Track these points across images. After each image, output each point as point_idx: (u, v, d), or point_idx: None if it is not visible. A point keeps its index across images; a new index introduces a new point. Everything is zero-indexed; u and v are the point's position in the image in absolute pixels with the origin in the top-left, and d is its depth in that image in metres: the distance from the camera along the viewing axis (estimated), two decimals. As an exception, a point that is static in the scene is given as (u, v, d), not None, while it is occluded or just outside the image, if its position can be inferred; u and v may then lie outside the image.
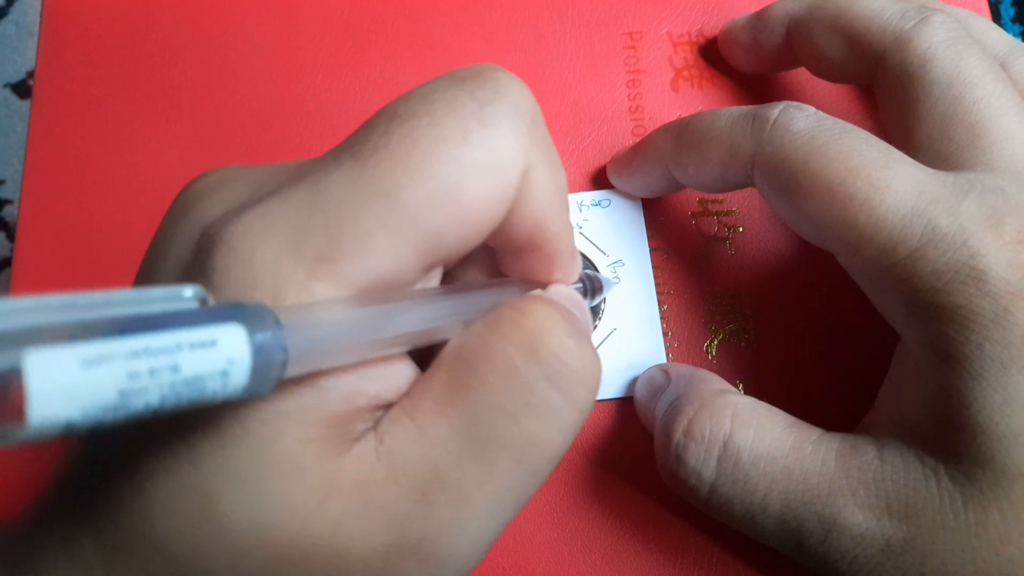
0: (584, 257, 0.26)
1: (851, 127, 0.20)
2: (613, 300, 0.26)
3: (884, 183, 0.18)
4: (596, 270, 0.26)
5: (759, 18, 0.26)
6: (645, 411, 0.24)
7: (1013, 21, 0.32)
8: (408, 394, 0.16)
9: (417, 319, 0.15)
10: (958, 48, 0.21)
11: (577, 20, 0.29)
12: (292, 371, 0.12)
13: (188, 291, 0.12)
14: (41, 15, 0.30)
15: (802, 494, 0.19)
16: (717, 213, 0.27)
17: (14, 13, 0.50)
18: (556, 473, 0.25)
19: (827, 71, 0.25)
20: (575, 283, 0.21)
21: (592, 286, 0.22)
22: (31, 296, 0.10)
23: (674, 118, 0.28)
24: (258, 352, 0.11)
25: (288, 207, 0.14)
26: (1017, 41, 0.23)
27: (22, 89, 0.50)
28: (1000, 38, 0.23)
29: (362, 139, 0.15)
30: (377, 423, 0.15)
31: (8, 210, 0.51)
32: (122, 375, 0.09)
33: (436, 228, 0.15)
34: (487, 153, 0.15)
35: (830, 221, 0.19)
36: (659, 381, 0.24)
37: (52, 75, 0.29)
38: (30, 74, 0.49)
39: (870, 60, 0.22)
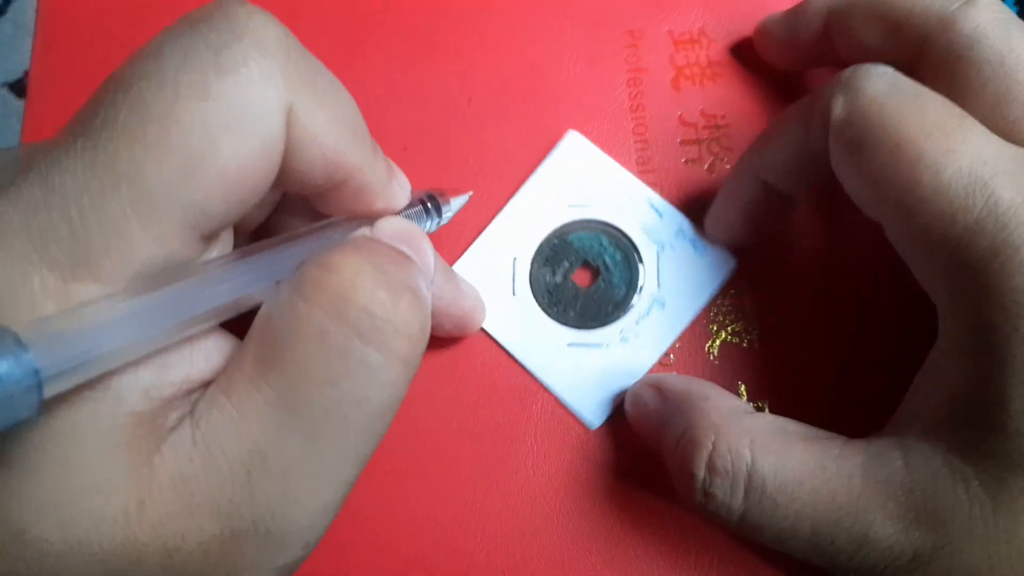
0: None
1: (928, 90, 0.19)
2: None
3: (954, 146, 0.18)
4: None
5: (796, 12, 0.26)
6: (641, 430, 0.24)
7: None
8: (224, 370, 0.15)
9: (211, 294, 0.14)
10: (1008, 27, 0.20)
11: (577, 18, 0.29)
12: (58, 387, 0.11)
13: None
14: (36, 14, 0.30)
15: (831, 514, 0.18)
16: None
17: (12, 12, 0.50)
18: (556, 475, 0.25)
19: (866, 59, 0.24)
20: (413, 208, 0.19)
21: (435, 205, 0.21)
22: None
23: (675, 117, 0.28)
24: None
25: (21, 208, 0.13)
26: None
27: (19, 88, 0.50)
28: None
29: (90, 114, 0.14)
30: (194, 406, 0.14)
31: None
32: None
33: (196, 199, 0.13)
34: (233, 104, 0.14)
35: (893, 179, 0.18)
36: (651, 400, 0.23)
37: (47, 74, 0.29)
38: (27, 73, 0.48)
39: (912, 45, 0.22)
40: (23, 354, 0.11)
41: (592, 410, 0.25)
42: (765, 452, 0.19)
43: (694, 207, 0.26)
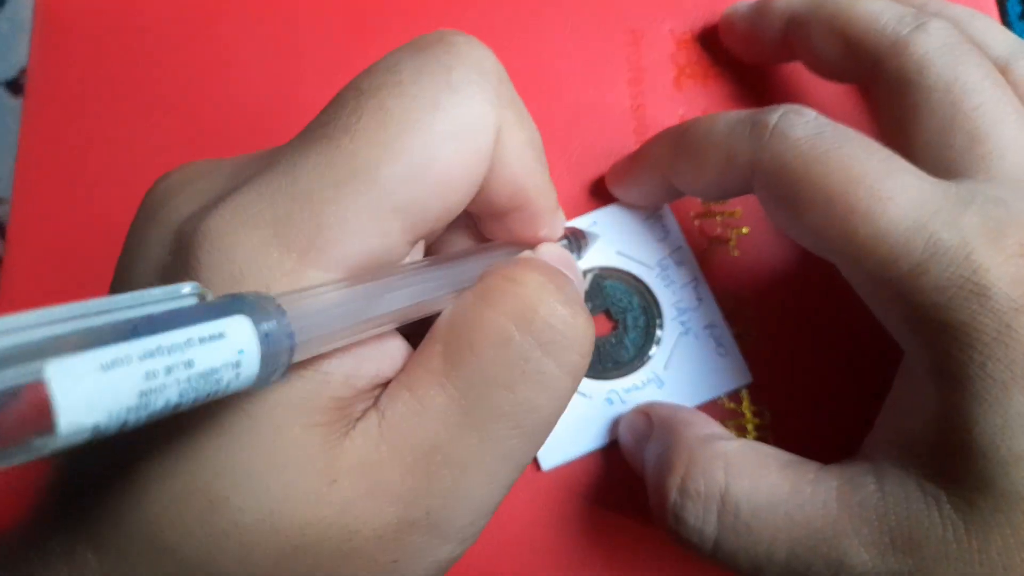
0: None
1: (853, 133, 0.19)
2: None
3: (886, 194, 0.18)
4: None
5: (759, 10, 0.26)
6: (632, 457, 0.23)
7: (1021, 18, 0.31)
8: (405, 369, 0.16)
9: (410, 294, 0.15)
10: (955, 54, 0.20)
11: (578, 18, 0.29)
12: (299, 356, 0.12)
13: (186, 288, 0.12)
14: (33, 13, 0.30)
15: (806, 539, 0.18)
16: (720, 214, 0.26)
17: (8, 10, 0.50)
18: (558, 480, 0.24)
19: (824, 70, 0.24)
20: (561, 240, 0.20)
21: (578, 241, 0.22)
22: (37, 309, 0.10)
23: (677, 117, 0.27)
24: (265, 340, 0.11)
25: (266, 197, 0.14)
26: (1020, 41, 0.23)
27: (16, 86, 0.50)
28: (1003, 38, 0.23)
29: (332, 118, 0.15)
30: (377, 400, 0.15)
31: (2, 208, 0.50)
32: (140, 375, 0.09)
33: (418, 200, 0.15)
34: (459, 118, 0.15)
35: (830, 233, 0.18)
36: (641, 426, 0.23)
37: (44, 73, 0.29)
38: (24, 71, 0.48)
39: (867, 63, 0.22)
40: (283, 317, 0.12)
41: (548, 451, 0.24)
42: (739, 476, 0.19)
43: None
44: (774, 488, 0.19)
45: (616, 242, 0.26)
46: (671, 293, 0.25)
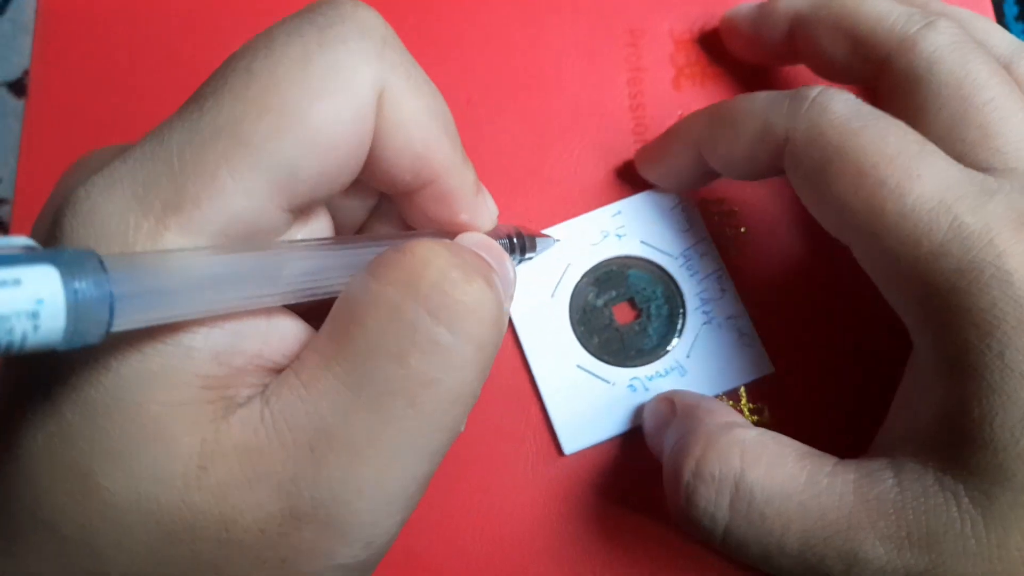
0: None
1: (889, 116, 0.19)
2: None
3: (916, 172, 0.18)
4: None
5: (762, 11, 0.26)
6: (653, 443, 0.23)
7: (1017, 19, 0.31)
8: (298, 354, 0.15)
9: (292, 269, 0.14)
10: (964, 51, 0.20)
11: (577, 17, 0.29)
12: (127, 320, 0.12)
13: (19, 240, 0.11)
14: (36, 14, 0.30)
15: (821, 530, 0.18)
16: (719, 214, 0.26)
17: (11, 11, 0.50)
18: (557, 483, 0.25)
19: (829, 71, 0.24)
20: (498, 239, 0.20)
21: (521, 241, 0.21)
22: None
23: (676, 117, 0.27)
24: (75, 295, 0.11)
25: (131, 162, 0.14)
26: (1020, 42, 0.23)
27: (19, 87, 0.50)
28: (1003, 39, 0.23)
29: (203, 86, 0.15)
30: (265, 387, 0.15)
31: (4, 209, 0.50)
32: None
33: (287, 158, 0.14)
34: (330, 73, 0.15)
35: (856, 205, 0.18)
36: (664, 412, 0.23)
37: (46, 74, 0.29)
38: (26, 72, 0.48)
39: (874, 63, 0.22)
40: (102, 276, 0.11)
41: (570, 436, 0.25)
42: (755, 463, 0.19)
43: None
44: (790, 478, 0.19)
45: (640, 232, 0.26)
46: (694, 283, 0.26)
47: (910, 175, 0.18)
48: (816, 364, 0.25)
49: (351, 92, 0.15)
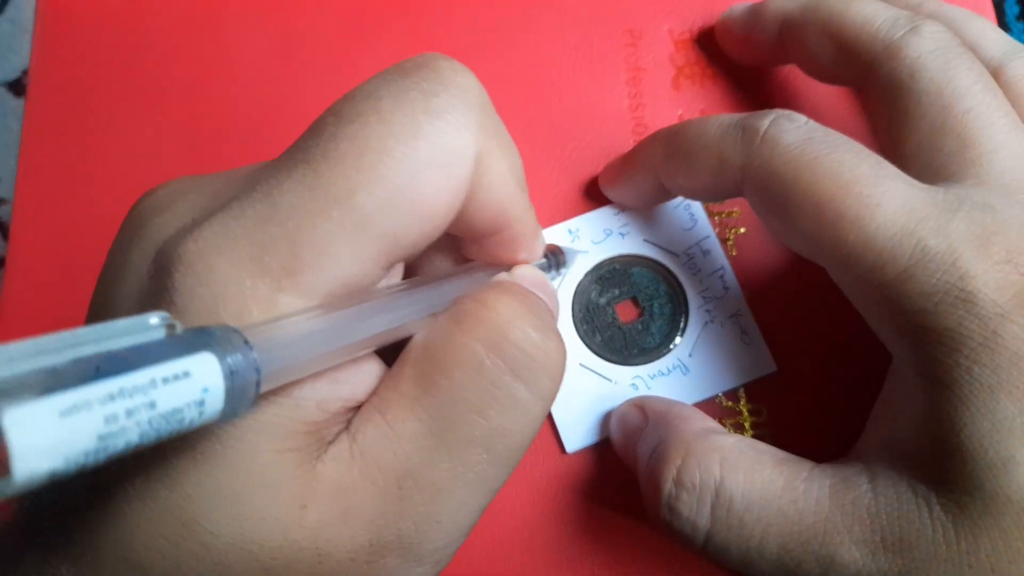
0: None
1: (843, 139, 0.19)
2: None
3: (874, 200, 0.18)
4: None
5: (754, 12, 0.26)
6: (624, 451, 0.23)
7: (1018, 19, 0.31)
8: (378, 392, 0.16)
9: (386, 320, 0.15)
10: (947, 57, 0.20)
11: (576, 18, 0.29)
12: (266, 387, 0.12)
13: (154, 319, 0.12)
14: (35, 14, 0.30)
15: (798, 535, 0.18)
16: (718, 214, 0.26)
17: (10, 10, 0.50)
18: (558, 481, 0.25)
19: (818, 72, 0.24)
20: (539, 260, 0.20)
21: (556, 260, 0.22)
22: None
23: (675, 117, 0.28)
24: (231, 377, 0.11)
25: (244, 220, 0.14)
26: (1015, 42, 0.23)
27: (18, 87, 0.50)
28: (997, 39, 0.23)
29: (311, 143, 0.15)
30: (349, 423, 0.15)
31: (4, 209, 0.50)
32: (100, 420, 0.09)
33: (395, 227, 0.15)
34: (439, 146, 0.15)
35: (819, 238, 0.19)
36: (634, 419, 0.23)
37: (46, 73, 0.29)
38: (26, 72, 0.48)
39: (860, 67, 0.22)
40: (249, 352, 0.12)
41: (572, 434, 0.25)
42: (734, 470, 0.19)
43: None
44: (768, 484, 0.19)
45: (643, 230, 0.26)
46: (697, 282, 0.26)
47: (868, 204, 0.18)
48: (816, 364, 0.25)
49: (456, 163, 0.15)
